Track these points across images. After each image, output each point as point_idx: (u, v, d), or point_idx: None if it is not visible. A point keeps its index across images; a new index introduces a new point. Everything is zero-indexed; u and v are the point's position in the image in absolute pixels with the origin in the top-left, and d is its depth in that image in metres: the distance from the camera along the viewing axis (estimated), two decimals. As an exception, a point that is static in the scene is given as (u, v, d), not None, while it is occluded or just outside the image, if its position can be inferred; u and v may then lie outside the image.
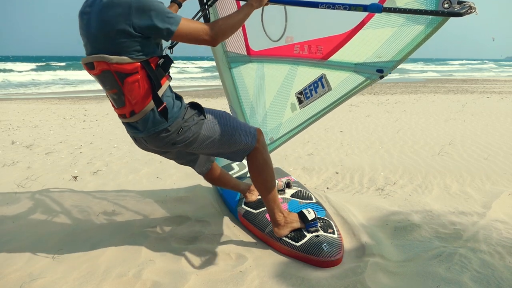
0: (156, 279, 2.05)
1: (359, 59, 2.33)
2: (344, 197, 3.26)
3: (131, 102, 1.87)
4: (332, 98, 2.58)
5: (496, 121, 7.10)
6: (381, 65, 2.22)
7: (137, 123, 1.94)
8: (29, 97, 15.81)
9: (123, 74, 1.80)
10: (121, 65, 1.77)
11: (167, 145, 2.02)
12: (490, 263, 2.12)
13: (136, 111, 1.89)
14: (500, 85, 18.66)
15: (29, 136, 6.31)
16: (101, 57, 1.78)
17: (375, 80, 2.32)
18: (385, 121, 7.36)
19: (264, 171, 2.26)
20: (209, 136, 2.07)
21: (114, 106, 1.99)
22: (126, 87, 1.83)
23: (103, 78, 1.87)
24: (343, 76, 2.47)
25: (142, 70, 1.81)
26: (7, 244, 2.48)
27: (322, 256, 2.16)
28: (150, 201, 3.28)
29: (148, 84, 1.84)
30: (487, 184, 3.55)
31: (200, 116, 2.06)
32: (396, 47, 2.11)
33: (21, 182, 3.82)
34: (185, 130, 1.99)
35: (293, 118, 2.90)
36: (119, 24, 1.71)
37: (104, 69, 1.80)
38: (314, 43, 2.55)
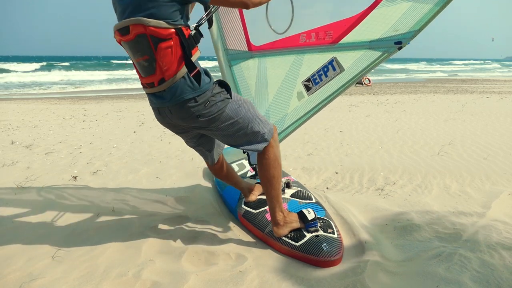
0: (156, 279, 2.05)
1: (374, 36, 2.37)
2: (344, 197, 3.26)
3: (162, 69, 1.89)
4: (346, 78, 2.59)
5: (496, 121, 7.10)
6: (399, 38, 2.26)
7: (165, 91, 1.96)
8: (28, 97, 15.81)
9: (158, 39, 1.83)
10: (157, 29, 1.80)
11: (191, 117, 2.02)
12: (489, 263, 2.12)
13: (166, 78, 1.91)
14: (499, 85, 18.67)
15: (29, 136, 6.30)
16: (138, 20, 1.80)
17: (392, 52, 2.34)
18: (385, 121, 7.36)
19: (273, 168, 2.27)
20: (232, 116, 2.09)
21: (140, 75, 2.01)
22: (159, 53, 1.85)
23: (135, 44, 1.88)
24: (357, 55, 2.49)
25: (176, 37, 1.85)
26: (7, 244, 2.48)
27: (321, 256, 2.16)
28: (150, 201, 3.28)
29: (180, 51, 1.88)
30: (487, 184, 3.55)
31: (227, 95, 2.08)
32: (414, 19, 2.15)
33: (20, 182, 3.82)
34: (211, 104, 2.01)
35: (300, 106, 2.89)
36: None
37: (140, 33, 1.82)
38: (322, 30, 2.58)
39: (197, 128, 2.14)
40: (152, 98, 2.07)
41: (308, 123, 3.04)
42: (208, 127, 2.11)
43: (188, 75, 1.94)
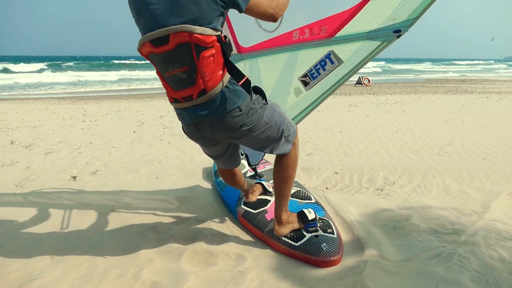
0: (156, 279, 2.05)
1: (372, 27, 2.35)
2: (343, 197, 3.26)
3: (204, 79, 1.77)
4: (345, 70, 2.57)
5: (495, 121, 7.11)
6: (397, 26, 2.24)
7: (206, 104, 1.84)
8: (28, 97, 15.80)
9: (201, 47, 1.70)
10: (203, 36, 1.68)
11: (234, 127, 1.93)
12: (489, 263, 2.12)
13: (208, 89, 1.80)
14: (499, 85, 18.69)
15: (28, 136, 6.30)
16: (182, 27, 1.66)
17: (392, 41, 2.33)
18: (384, 121, 7.36)
19: (292, 168, 2.25)
20: (268, 122, 2.04)
21: (173, 89, 1.86)
22: (201, 62, 1.72)
23: (174, 54, 1.73)
24: (355, 46, 2.47)
25: (217, 44, 1.75)
26: (6, 244, 2.48)
27: (321, 256, 2.16)
28: (149, 201, 3.28)
29: (222, 59, 1.79)
30: (486, 184, 3.55)
31: (264, 101, 2.02)
32: (411, 7, 2.15)
33: (20, 182, 3.81)
34: (253, 112, 1.94)
35: (298, 102, 2.88)
36: None
37: (182, 42, 1.68)
38: (316, 25, 2.55)
39: (235, 138, 2.04)
40: (187, 113, 1.92)
41: (307, 123, 3.05)
42: (246, 136, 2.02)
43: (232, 83, 1.85)
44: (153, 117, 8.53)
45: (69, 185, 3.77)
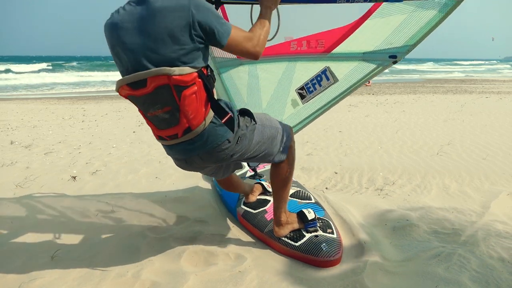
0: (155, 279, 2.05)
1: (368, 48, 2.31)
2: (343, 197, 3.26)
3: (188, 118, 1.70)
4: (340, 88, 2.55)
5: (495, 121, 7.11)
6: (393, 51, 2.20)
7: (192, 140, 1.79)
8: (28, 97, 15.79)
9: (182, 87, 1.63)
10: (182, 76, 1.61)
11: (224, 158, 1.90)
12: (489, 263, 2.12)
13: (193, 127, 1.74)
14: (498, 85, 18.69)
15: (28, 136, 6.30)
16: (159, 71, 1.59)
17: (387, 66, 2.28)
18: (384, 121, 7.37)
19: (290, 170, 2.24)
20: (259, 140, 2.01)
21: (157, 128, 1.81)
22: (183, 102, 1.65)
23: (154, 96, 1.66)
24: (351, 66, 2.44)
25: (198, 80, 1.67)
26: (6, 244, 2.48)
27: (321, 256, 2.16)
28: (149, 201, 3.27)
29: (205, 95, 1.71)
30: (486, 184, 3.55)
31: (252, 122, 1.98)
32: (409, 33, 2.10)
33: (19, 182, 3.81)
34: (242, 139, 1.91)
35: (295, 114, 2.87)
36: (180, 27, 1.58)
37: (161, 85, 1.62)
38: (313, 38, 2.51)
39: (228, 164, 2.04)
40: (174, 150, 1.89)
41: (307, 123, 3.04)
42: (239, 159, 2.02)
43: (217, 117, 1.78)
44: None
45: (69, 185, 3.77)
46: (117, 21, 1.67)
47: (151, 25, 1.60)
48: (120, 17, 1.67)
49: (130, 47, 1.64)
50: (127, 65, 1.68)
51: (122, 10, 1.69)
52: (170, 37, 1.59)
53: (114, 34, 1.68)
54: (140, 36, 1.62)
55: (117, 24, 1.66)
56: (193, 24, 1.60)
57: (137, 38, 1.63)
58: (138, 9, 1.63)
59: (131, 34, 1.63)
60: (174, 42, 1.60)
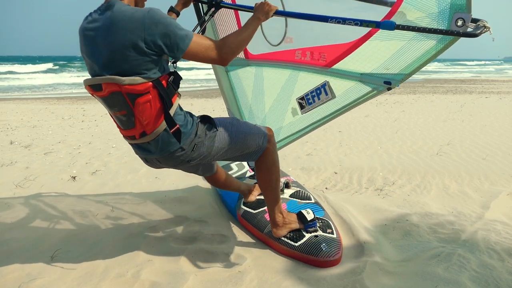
0: (155, 279, 2.05)
1: (365, 70, 2.30)
2: (343, 197, 3.26)
3: (142, 123, 1.79)
4: (336, 106, 2.56)
5: (495, 121, 7.11)
6: (388, 77, 2.19)
7: (149, 144, 1.87)
8: (27, 97, 15.78)
9: (134, 95, 1.71)
10: (133, 86, 1.69)
11: (182, 163, 1.99)
12: (488, 263, 2.13)
13: (148, 132, 1.81)
14: (498, 85, 18.70)
15: (28, 136, 6.29)
16: (111, 79, 1.69)
17: (381, 91, 2.27)
18: (384, 121, 7.37)
19: (271, 172, 2.25)
20: (223, 147, 2.04)
21: (120, 127, 1.91)
22: (137, 108, 1.74)
23: (110, 100, 1.77)
24: (348, 85, 2.44)
25: (154, 90, 1.73)
26: (6, 244, 2.47)
27: (320, 256, 2.16)
28: (149, 201, 3.27)
29: (160, 104, 1.76)
30: (486, 184, 3.55)
31: (212, 129, 2.01)
32: (405, 61, 2.07)
33: (19, 182, 3.81)
34: (199, 146, 1.95)
35: (294, 122, 2.88)
36: (132, 41, 1.63)
37: (114, 91, 1.71)
38: (316, 50, 2.51)
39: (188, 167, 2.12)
40: (136, 149, 1.98)
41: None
42: (202, 163, 2.09)
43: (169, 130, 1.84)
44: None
45: (68, 185, 3.77)
46: (85, 26, 1.77)
47: (110, 36, 1.67)
48: (87, 24, 1.76)
49: (91, 52, 1.75)
50: (90, 68, 1.79)
51: (89, 17, 1.77)
52: (123, 49, 1.65)
53: (81, 39, 1.79)
54: (99, 44, 1.70)
55: (85, 29, 1.76)
56: (145, 38, 1.64)
57: (97, 45, 1.71)
58: (102, 18, 1.70)
59: (93, 41, 1.73)
60: (127, 55, 1.66)
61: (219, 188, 2.69)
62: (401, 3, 1.96)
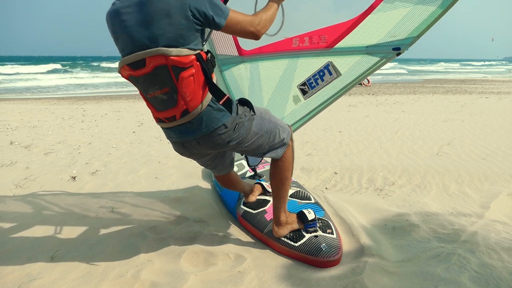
0: (155, 280, 2.05)
1: (371, 42, 2.34)
2: (343, 198, 3.26)
3: (186, 100, 1.75)
4: (343, 82, 2.57)
5: (495, 121, 7.11)
6: (397, 44, 2.23)
7: (190, 123, 1.84)
8: (27, 97, 15.78)
9: (180, 68, 1.69)
10: (179, 57, 1.66)
11: (221, 144, 1.94)
12: (488, 263, 2.12)
13: (190, 109, 1.79)
14: (498, 85, 18.70)
15: (28, 137, 6.30)
16: (157, 51, 1.65)
17: (391, 58, 2.31)
18: (384, 121, 7.37)
19: (289, 169, 2.26)
20: (257, 132, 2.04)
21: (156, 110, 1.86)
22: (181, 83, 1.71)
23: (153, 77, 1.72)
24: (354, 60, 2.46)
25: (197, 63, 1.72)
26: (5, 245, 2.48)
27: (320, 256, 2.16)
28: (149, 201, 3.27)
29: (203, 78, 1.76)
30: (486, 184, 3.55)
31: (251, 112, 2.02)
32: (412, 25, 2.12)
33: (19, 182, 3.81)
34: (240, 126, 1.94)
35: (297, 109, 2.88)
36: (177, 11, 1.64)
37: (159, 65, 1.68)
38: (315, 34, 2.53)
39: (224, 151, 2.10)
40: (173, 132, 1.93)
41: (307, 123, 3.04)
42: (236, 148, 2.05)
43: (214, 101, 1.83)
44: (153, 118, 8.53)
45: (68, 185, 3.77)
46: (118, 7, 1.73)
47: (150, 7, 1.65)
48: (121, 3, 1.73)
49: (130, 29, 1.69)
50: (128, 47, 1.73)
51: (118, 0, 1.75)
52: (167, 18, 1.64)
53: (115, 20, 1.73)
54: (140, 18, 1.67)
55: (118, 10, 1.72)
56: (189, 6, 1.65)
57: (137, 20, 1.68)
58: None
59: (131, 17, 1.69)
60: (171, 23, 1.65)
61: (226, 187, 2.68)
62: None
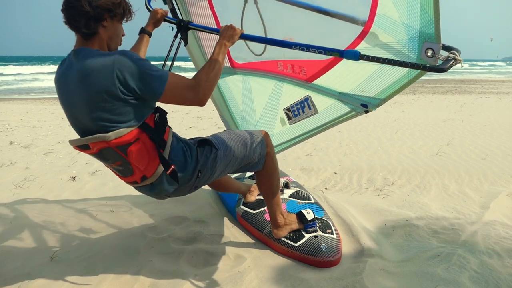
0: (155, 280, 2.05)
1: (343, 89, 2.25)
2: (343, 198, 3.26)
3: (140, 169, 1.73)
4: (319, 121, 2.55)
5: (494, 121, 7.11)
6: (365, 100, 2.12)
7: (153, 185, 1.83)
8: (27, 97, 15.77)
9: (125, 145, 1.64)
10: (119, 138, 1.62)
11: (191, 190, 1.97)
12: (488, 264, 2.13)
13: (148, 175, 1.76)
14: (498, 85, 18.71)
15: (27, 137, 6.29)
16: (97, 138, 1.61)
17: (360, 113, 2.22)
18: (384, 121, 7.37)
19: (273, 175, 2.23)
20: (226, 163, 2.00)
21: (119, 176, 1.86)
22: (130, 157, 1.67)
23: (102, 155, 1.72)
24: (329, 102, 2.40)
25: (142, 134, 1.67)
26: (5, 245, 2.47)
27: (320, 256, 2.16)
28: (148, 201, 3.26)
29: (153, 146, 1.71)
30: (485, 184, 3.55)
31: (213, 151, 1.94)
32: (380, 85, 1.99)
33: (19, 182, 3.81)
34: (203, 172, 1.90)
35: (283, 132, 2.88)
36: (106, 88, 1.54)
37: (103, 147, 1.65)
38: (297, 64, 2.44)
39: None
40: (142, 191, 1.93)
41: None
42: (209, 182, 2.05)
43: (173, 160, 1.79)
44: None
45: (68, 185, 3.77)
46: (57, 78, 1.70)
47: (84, 87, 1.58)
48: (59, 76, 1.68)
49: (69, 107, 1.68)
50: (73, 123, 1.72)
51: (61, 68, 1.69)
52: (100, 99, 1.57)
53: (57, 91, 1.70)
54: (75, 99, 1.63)
55: (57, 82, 1.69)
56: (120, 85, 1.55)
57: (72, 100, 1.64)
58: (72, 70, 1.61)
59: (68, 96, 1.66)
60: (106, 103, 1.57)
61: (220, 191, 2.67)
62: (371, 24, 1.86)
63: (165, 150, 1.75)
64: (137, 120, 1.65)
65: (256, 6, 2.38)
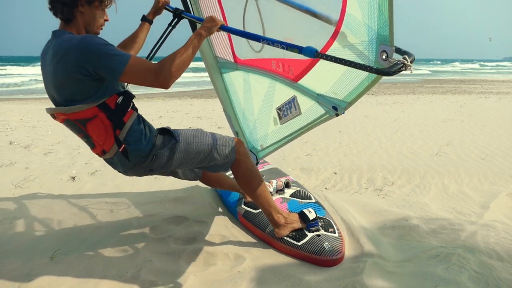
0: (154, 279, 2.05)
1: (320, 90, 2.25)
2: (343, 198, 3.26)
3: (99, 143, 1.90)
4: (301, 123, 2.55)
5: (494, 121, 7.12)
6: (336, 103, 2.13)
7: (113, 159, 1.99)
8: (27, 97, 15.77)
9: (84, 120, 1.81)
10: (78, 113, 1.78)
11: (144, 172, 2.09)
12: (488, 263, 2.13)
13: (107, 149, 1.92)
14: (498, 86, 18.72)
15: (27, 137, 6.29)
16: (57, 109, 1.81)
17: (331, 116, 2.23)
18: (384, 121, 7.37)
19: (250, 180, 2.26)
20: (184, 157, 2.08)
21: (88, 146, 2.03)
22: (90, 131, 1.85)
23: (67, 125, 1.91)
24: (310, 103, 2.40)
25: (101, 113, 1.80)
26: (5, 245, 2.47)
27: (323, 255, 2.16)
28: (148, 201, 3.27)
29: (110, 125, 1.84)
30: (485, 184, 3.56)
31: (172, 140, 2.05)
32: (347, 88, 2.00)
33: (19, 182, 3.80)
34: (158, 157, 2.01)
35: (276, 131, 2.89)
36: (68, 71, 1.68)
37: (65, 118, 1.83)
38: (286, 63, 2.44)
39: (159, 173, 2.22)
40: (107, 162, 2.11)
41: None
42: (166, 169, 2.12)
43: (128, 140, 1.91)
44: (152, 117, 8.52)
45: (68, 185, 3.77)
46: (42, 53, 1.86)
47: (53, 66, 1.73)
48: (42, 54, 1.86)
49: (45, 82, 1.87)
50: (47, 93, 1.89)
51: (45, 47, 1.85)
52: (64, 78, 1.72)
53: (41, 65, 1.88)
54: (48, 74, 1.80)
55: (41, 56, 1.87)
56: (79, 66, 1.66)
57: (46, 76, 1.82)
58: (49, 50, 1.78)
59: (44, 71, 1.85)
60: (68, 83, 1.72)
61: (213, 187, 2.71)
62: (341, 25, 1.83)
63: (122, 130, 1.87)
64: (96, 99, 1.77)
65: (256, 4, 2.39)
